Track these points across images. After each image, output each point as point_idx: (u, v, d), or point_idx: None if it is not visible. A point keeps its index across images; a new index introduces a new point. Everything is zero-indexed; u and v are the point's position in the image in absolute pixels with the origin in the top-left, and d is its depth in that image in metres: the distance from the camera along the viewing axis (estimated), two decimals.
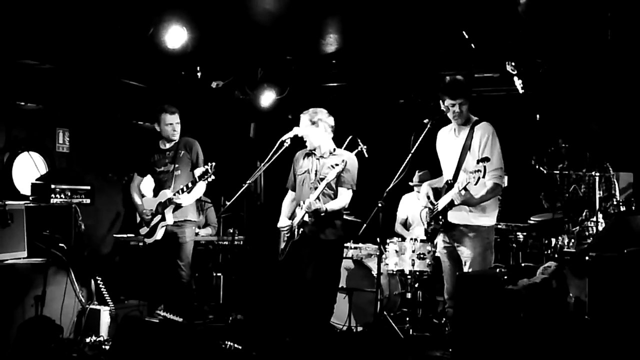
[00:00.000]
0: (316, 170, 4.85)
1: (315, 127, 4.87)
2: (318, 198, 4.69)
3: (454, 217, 4.35)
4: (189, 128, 5.61)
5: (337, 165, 4.74)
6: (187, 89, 6.70)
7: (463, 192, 4.11)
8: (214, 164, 5.01)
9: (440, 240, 4.56)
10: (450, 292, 4.48)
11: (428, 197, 4.53)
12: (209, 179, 5.04)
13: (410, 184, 6.57)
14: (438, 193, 4.48)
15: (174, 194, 5.16)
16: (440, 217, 4.38)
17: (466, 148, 4.31)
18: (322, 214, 4.70)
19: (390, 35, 5.77)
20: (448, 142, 4.52)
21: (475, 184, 3.99)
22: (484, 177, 3.91)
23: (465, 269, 4.31)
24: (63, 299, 5.02)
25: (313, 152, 4.94)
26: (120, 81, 6.58)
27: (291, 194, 5.10)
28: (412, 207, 6.74)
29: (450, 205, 4.29)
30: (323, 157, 4.88)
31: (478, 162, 3.98)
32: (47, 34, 5.31)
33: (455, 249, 4.42)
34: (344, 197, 4.81)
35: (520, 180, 6.14)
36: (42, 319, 4.73)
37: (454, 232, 4.39)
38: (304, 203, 4.73)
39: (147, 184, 5.75)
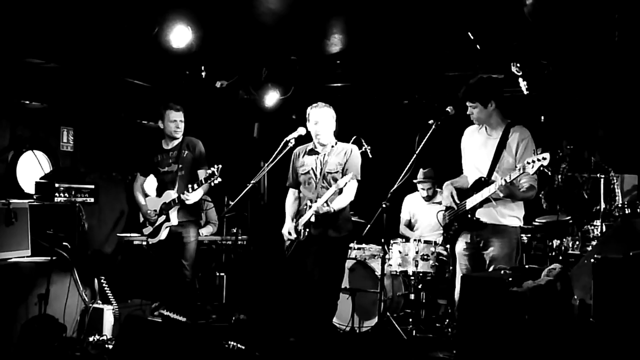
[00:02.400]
0: (321, 169, 4.80)
1: (335, 121, 4.83)
2: (326, 202, 4.61)
3: (482, 215, 4.25)
4: (193, 127, 5.61)
5: (342, 164, 4.71)
6: (191, 89, 6.70)
7: (510, 184, 4.01)
8: (220, 166, 4.94)
9: (461, 242, 4.39)
10: None
11: (452, 197, 4.37)
12: (216, 182, 4.96)
13: (414, 181, 6.54)
14: (462, 193, 4.37)
15: (182, 194, 5.12)
16: (469, 215, 4.26)
17: (501, 148, 4.24)
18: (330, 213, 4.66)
19: (395, 36, 5.76)
20: (479, 141, 4.42)
21: (533, 174, 3.94)
22: (546, 167, 3.85)
23: (491, 269, 4.21)
24: (66, 298, 5.02)
25: (315, 148, 4.88)
26: (125, 80, 6.58)
27: (293, 192, 5.01)
28: (415, 207, 6.73)
29: (482, 203, 4.19)
30: (326, 153, 4.84)
31: (535, 152, 3.89)
32: (52, 32, 5.32)
33: (479, 250, 4.31)
34: (350, 189, 4.73)
35: None
36: (46, 318, 4.73)
37: (481, 231, 4.27)
38: (311, 202, 4.69)
39: (150, 183, 5.75)
